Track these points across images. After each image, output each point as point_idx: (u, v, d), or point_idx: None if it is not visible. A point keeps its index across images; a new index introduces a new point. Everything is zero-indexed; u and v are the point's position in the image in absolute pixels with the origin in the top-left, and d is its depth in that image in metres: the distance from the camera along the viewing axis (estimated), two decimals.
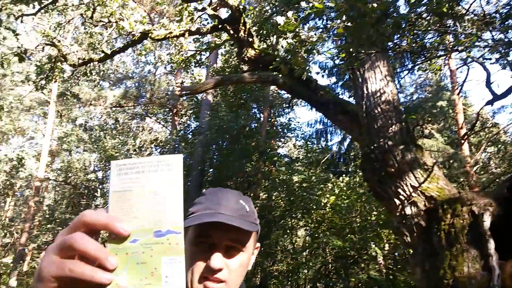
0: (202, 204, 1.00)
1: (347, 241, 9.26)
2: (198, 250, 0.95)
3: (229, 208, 0.97)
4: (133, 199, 0.57)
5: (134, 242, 0.56)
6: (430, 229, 3.50)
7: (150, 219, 0.56)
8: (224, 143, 12.66)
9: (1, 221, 18.40)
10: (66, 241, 0.54)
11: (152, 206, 0.57)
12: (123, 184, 0.58)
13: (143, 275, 0.55)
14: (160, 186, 0.57)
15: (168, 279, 0.54)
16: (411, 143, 3.81)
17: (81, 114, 21.66)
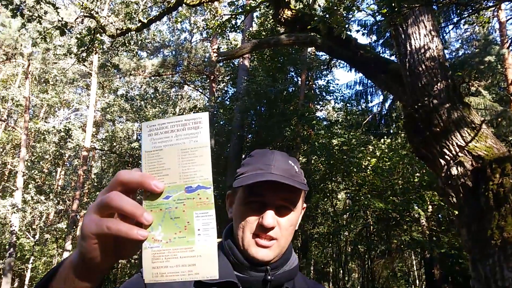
0: (251, 165, 1.01)
1: (389, 203, 9.17)
2: (249, 209, 0.97)
3: (279, 168, 0.98)
4: (164, 157, 0.60)
5: (167, 198, 0.59)
6: (477, 190, 3.40)
7: (181, 176, 0.59)
8: (262, 108, 12.65)
9: (54, 189, 19.51)
10: (104, 200, 0.57)
11: (182, 163, 0.59)
12: (154, 143, 0.61)
13: (177, 229, 0.58)
14: (188, 143, 0.60)
15: (201, 231, 0.57)
16: (458, 101, 3.64)
17: (122, 84, 22.18)
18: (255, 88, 11.61)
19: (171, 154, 0.60)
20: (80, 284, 0.62)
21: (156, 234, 0.58)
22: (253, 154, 1.07)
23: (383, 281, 13.15)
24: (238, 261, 0.97)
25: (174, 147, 0.60)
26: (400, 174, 10.21)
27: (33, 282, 19.12)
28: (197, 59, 17.39)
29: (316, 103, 15.40)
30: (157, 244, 0.58)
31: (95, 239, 0.57)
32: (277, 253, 0.98)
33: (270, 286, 0.96)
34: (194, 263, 0.57)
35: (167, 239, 0.58)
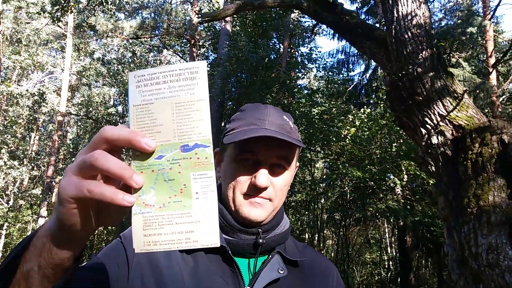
0: (243, 119, 0.93)
1: (366, 172, 9.31)
2: (241, 167, 0.91)
3: (274, 123, 0.91)
4: (155, 112, 0.53)
5: (159, 158, 0.52)
6: (456, 159, 3.44)
7: (175, 133, 0.52)
8: (243, 75, 12.46)
9: (28, 155, 19.07)
10: (86, 160, 0.50)
11: (176, 118, 0.53)
12: (144, 96, 0.54)
13: (172, 192, 0.52)
14: (184, 96, 0.53)
15: (199, 195, 0.52)
16: (442, 70, 3.63)
17: (98, 47, 21.46)
18: (236, 53, 11.40)
19: (163, 108, 0.53)
20: (59, 254, 0.55)
21: (148, 198, 0.52)
22: (244, 109, 0.99)
23: (357, 247, 13.55)
24: (227, 224, 0.91)
25: (167, 101, 0.53)
26: (378, 144, 10.34)
27: (7, 248, 18.95)
28: (177, 22, 16.88)
29: (298, 71, 15.28)
30: (148, 209, 0.52)
31: (74, 204, 0.51)
32: (270, 213, 0.92)
33: (261, 249, 0.91)
34: (192, 229, 0.52)
35: (161, 204, 0.52)
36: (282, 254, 0.94)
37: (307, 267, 0.99)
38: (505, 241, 2.89)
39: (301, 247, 1.05)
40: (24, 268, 0.56)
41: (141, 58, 21.51)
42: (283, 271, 0.90)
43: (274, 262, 0.91)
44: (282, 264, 0.92)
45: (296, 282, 0.93)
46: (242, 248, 0.91)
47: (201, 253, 0.88)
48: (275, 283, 0.88)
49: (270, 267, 0.90)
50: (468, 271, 3.04)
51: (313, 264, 1.01)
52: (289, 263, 0.95)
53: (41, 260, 0.55)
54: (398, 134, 9.58)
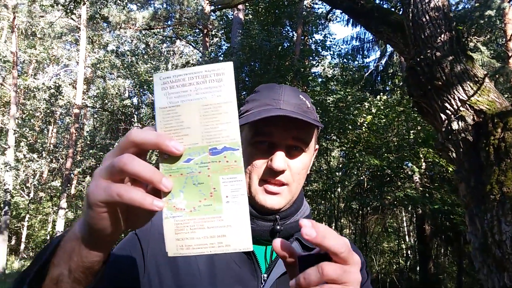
0: (257, 100, 0.89)
1: (383, 160, 9.20)
2: (256, 151, 0.86)
3: (289, 103, 0.86)
4: (182, 114, 0.52)
5: (188, 161, 0.52)
6: (478, 144, 3.34)
7: (203, 136, 0.52)
8: (257, 63, 12.37)
9: (46, 147, 19.39)
10: (115, 164, 0.49)
11: (204, 121, 0.52)
12: (170, 99, 0.53)
13: (202, 196, 0.52)
14: (211, 98, 0.52)
15: (229, 199, 0.51)
16: (461, 54, 3.51)
17: (112, 39, 21.58)
18: (249, 42, 11.30)
19: (190, 110, 0.52)
20: (89, 257, 0.55)
21: (177, 202, 0.52)
22: (258, 89, 0.94)
23: (374, 236, 13.47)
24: None
25: (194, 103, 0.52)
26: (395, 131, 10.18)
27: (30, 240, 19.42)
28: (190, 12, 16.81)
29: (312, 59, 15.11)
30: (179, 213, 0.52)
31: (104, 208, 0.50)
32: (288, 200, 0.88)
33: (279, 236, 0.87)
34: (224, 233, 0.51)
35: (191, 208, 0.52)
36: (300, 241, 0.90)
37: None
38: None
39: None
40: (54, 273, 0.56)
41: (154, 49, 21.57)
42: None
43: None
44: (300, 251, 0.88)
45: None
46: (259, 235, 0.87)
47: None
48: None
49: None
50: (491, 259, 2.97)
51: None
52: (309, 249, 0.90)
53: (72, 264, 0.55)
54: (416, 121, 9.41)
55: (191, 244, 0.52)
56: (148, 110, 19.54)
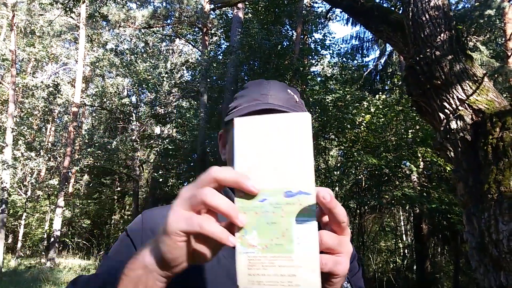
0: (245, 96, 0.90)
1: (382, 160, 9.21)
2: None
3: (277, 97, 0.87)
4: (260, 158, 0.56)
5: (263, 201, 0.55)
6: (476, 144, 3.36)
7: (279, 179, 0.55)
8: (256, 62, 12.38)
9: (44, 146, 19.35)
10: (198, 196, 0.53)
11: (281, 166, 0.55)
12: (249, 143, 0.57)
13: (274, 235, 0.54)
14: (288, 145, 0.55)
15: (300, 240, 0.53)
16: (461, 53, 3.53)
17: (111, 37, 21.53)
18: (249, 41, 11.31)
19: (268, 154, 0.56)
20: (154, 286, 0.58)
21: (250, 239, 0.55)
22: (247, 86, 0.95)
23: (372, 235, 13.49)
24: None
25: (271, 148, 0.56)
26: (393, 131, 10.20)
27: (26, 238, 19.37)
28: (189, 10, 16.80)
29: (311, 58, 15.12)
30: (252, 249, 0.55)
31: (183, 237, 0.53)
32: None
33: None
34: (294, 273, 0.53)
35: (263, 245, 0.54)
36: None
37: None
38: None
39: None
40: None
41: (154, 48, 21.53)
42: None
43: None
44: None
45: None
46: None
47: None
48: None
49: None
50: (488, 258, 2.98)
51: None
52: None
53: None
54: (414, 120, 9.44)
55: (262, 280, 0.54)
56: (147, 108, 19.53)
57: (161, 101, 17.57)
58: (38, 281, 10.01)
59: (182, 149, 14.84)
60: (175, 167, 16.52)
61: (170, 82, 17.01)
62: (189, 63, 16.43)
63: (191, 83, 16.20)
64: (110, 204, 22.94)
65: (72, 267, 13.67)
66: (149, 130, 20.18)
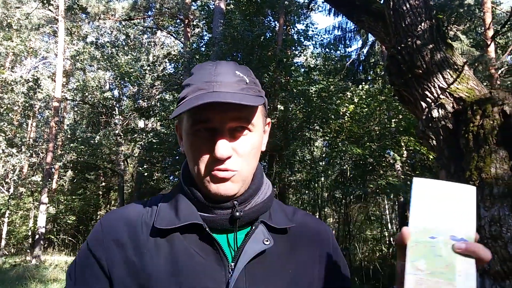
0: (191, 85, 0.83)
1: (366, 149, 9.29)
2: (197, 140, 0.82)
3: (224, 83, 0.80)
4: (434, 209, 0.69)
5: (433, 238, 0.67)
6: (457, 132, 3.40)
7: (448, 225, 0.68)
8: (239, 54, 12.30)
9: (26, 142, 18.99)
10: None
11: (451, 217, 0.68)
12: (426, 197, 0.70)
13: (439, 265, 0.66)
14: (457, 203, 0.69)
15: (461, 273, 0.65)
16: (441, 42, 3.55)
17: (91, 30, 21.14)
18: (231, 32, 11.23)
19: (441, 207, 0.69)
20: None
21: (419, 264, 0.66)
22: (192, 71, 0.87)
23: (358, 225, 13.64)
24: (199, 201, 0.84)
25: (443, 203, 0.69)
26: (377, 120, 10.29)
27: (10, 236, 19.08)
28: (170, 2, 16.57)
29: (294, 49, 15.11)
30: (420, 272, 0.66)
31: None
32: (241, 185, 0.84)
33: (240, 223, 0.84)
34: None
35: (430, 271, 0.66)
36: (266, 223, 0.87)
37: (297, 232, 0.91)
38: (508, 213, 2.88)
39: (291, 211, 0.97)
40: None
41: (135, 40, 21.23)
42: (268, 241, 0.83)
43: (258, 233, 0.84)
44: (267, 234, 0.84)
45: (285, 250, 0.87)
46: (219, 224, 0.84)
47: (176, 234, 0.82)
48: (262, 255, 0.82)
49: (254, 239, 0.83)
50: None
51: (305, 228, 0.94)
52: (276, 231, 0.87)
53: None
54: (397, 110, 9.53)
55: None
56: (130, 102, 19.28)
57: (144, 94, 17.38)
58: (23, 279, 9.87)
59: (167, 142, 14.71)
60: (160, 160, 16.40)
61: (153, 75, 16.81)
62: (172, 56, 16.21)
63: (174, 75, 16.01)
64: (95, 199, 22.67)
65: (58, 264, 13.52)
66: (132, 124, 19.98)
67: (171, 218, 0.83)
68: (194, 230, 0.82)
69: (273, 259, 0.84)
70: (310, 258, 0.90)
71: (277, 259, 0.85)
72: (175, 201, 0.87)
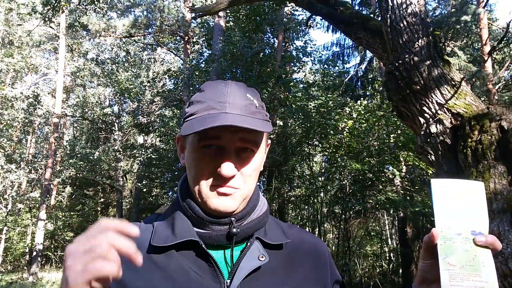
0: (202, 103, 0.84)
1: (365, 164, 9.29)
2: (203, 156, 0.83)
3: (236, 105, 0.83)
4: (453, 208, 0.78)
5: (458, 235, 0.76)
6: (456, 147, 3.41)
7: (468, 222, 0.77)
8: (238, 70, 12.39)
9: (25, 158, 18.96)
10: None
11: (468, 214, 0.78)
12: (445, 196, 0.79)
13: (467, 259, 0.74)
14: (470, 202, 0.79)
15: (484, 264, 0.74)
16: (438, 58, 3.60)
17: (92, 47, 21.32)
18: (231, 49, 11.33)
19: (459, 205, 0.79)
20: None
21: (451, 260, 0.74)
22: (203, 88, 0.89)
23: (357, 240, 13.56)
24: (197, 216, 0.85)
25: (460, 200, 0.79)
26: (375, 136, 10.32)
27: (7, 253, 18.89)
28: (170, 19, 16.76)
29: (293, 65, 15.23)
30: (452, 267, 0.74)
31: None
32: (240, 202, 0.86)
33: (237, 239, 0.85)
34: (483, 286, 0.73)
35: (460, 265, 0.74)
36: (261, 240, 0.88)
37: (293, 248, 0.92)
38: (508, 228, 2.87)
39: (286, 227, 0.98)
40: None
41: (135, 56, 21.39)
42: (264, 257, 0.84)
43: (253, 249, 0.85)
44: (262, 250, 0.85)
45: (281, 266, 0.87)
46: (215, 240, 0.85)
47: (172, 251, 0.83)
48: (257, 271, 0.83)
49: (250, 255, 0.84)
50: None
51: (300, 244, 0.95)
52: (271, 247, 0.88)
53: None
54: (396, 125, 9.56)
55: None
56: (129, 118, 19.33)
57: (143, 110, 17.43)
58: None
59: (166, 158, 14.72)
60: (159, 176, 16.36)
61: (153, 91, 16.89)
62: (171, 72, 16.33)
63: (173, 91, 16.10)
64: (94, 215, 22.53)
65: (55, 281, 13.37)
66: (132, 140, 20.01)
67: (167, 235, 0.84)
68: (190, 247, 0.83)
69: (268, 275, 0.84)
70: (306, 274, 0.90)
71: (272, 275, 0.85)
72: (172, 219, 0.88)
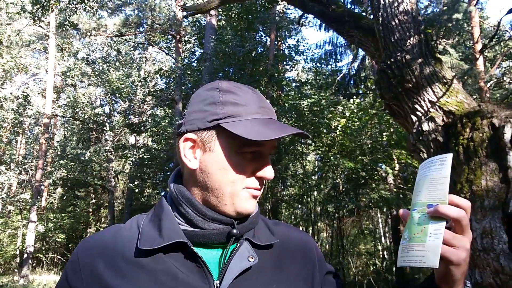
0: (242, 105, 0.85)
1: (358, 163, 9.31)
2: (244, 160, 0.84)
3: (271, 110, 0.89)
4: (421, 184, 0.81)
5: (414, 210, 0.80)
6: (448, 145, 3.42)
7: (426, 196, 0.79)
8: (231, 69, 12.35)
9: (15, 159, 18.77)
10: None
11: (428, 188, 0.79)
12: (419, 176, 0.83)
13: (416, 231, 0.78)
14: (435, 174, 0.79)
15: (431, 235, 0.75)
16: (430, 56, 3.60)
17: (82, 46, 21.15)
18: (223, 48, 11.29)
19: (424, 182, 0.81)
20: None
21: (405, 235, 0.79)
22: (232, 90, 0.87)
23: (351, 239, 13.60)
24: (198, 213, 0.84)
25: (427, 177, 0.80)
26: (368, 134, 10.34)
27: None
28: (162, 18, 16.66)
29: (285, 64, 15.22)
30: (404, 241, 0.79)
31: None
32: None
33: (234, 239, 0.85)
34: (424, 255, 0.75)
35: (409, 238, 0.78)
36: (250, 241, 0.88)
37: (281, 247, 0.93)
38: (499, 224, 2.87)
39: (272, 225, 0.99)
40: None
41: (126, 56, 21.25)
42: (253, 258, 0.83)
43: (242, 250, 0.84)
44: (251, 251, 0.85)
45: (270, 266, 0.87)
46: (209, 238, 0.84)
47: (160, 254, 0.81)
48: (247, 271, 0.82)
49: (239, 256, 0.83)
50: None
51: (288, 241, 0.96)
52: (260, 247, 0.88)
53: None
54: (388, 123, 9.59)
55: (406, 259, 0.77)
56: (121, 118, 19.19)
57: (135, 110, 17.32)
58: None
59: (158, 158, 14.64)
60: (151, 176, 16.27)
61: (144, 90, 16.79)
62: (163, 71, 16.23)
63: (165, 91, 16.02)
64: (85, 217, 22.35)
65: (47, 284, 13.25)
66: (123, 140, 19.86)
67: (154, 237, 0.82)
68: (178, 248, 0.81)
69: (258, 275, 0.84)
70: (294, 271, 0.91)
71: (262, 275, 0.85)
72: (158, 219, 0.86)
